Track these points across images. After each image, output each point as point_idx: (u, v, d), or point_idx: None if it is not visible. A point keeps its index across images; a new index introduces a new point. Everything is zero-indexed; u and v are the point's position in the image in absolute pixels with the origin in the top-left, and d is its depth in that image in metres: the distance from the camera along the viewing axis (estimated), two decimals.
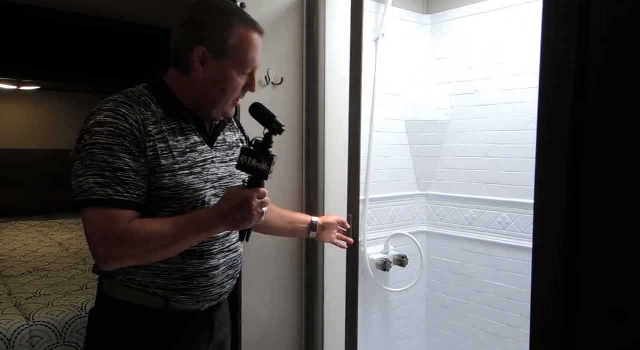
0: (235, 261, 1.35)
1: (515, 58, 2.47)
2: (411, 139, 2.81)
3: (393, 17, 2.63)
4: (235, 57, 1.19)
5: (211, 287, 1.26)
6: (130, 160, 1.09)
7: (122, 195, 1.08)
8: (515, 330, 2.53)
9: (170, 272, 1.20)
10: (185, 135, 1.19)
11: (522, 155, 2.47)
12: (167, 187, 1.14)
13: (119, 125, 1.09)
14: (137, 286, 1.19)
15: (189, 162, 1.17)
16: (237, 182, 1.32)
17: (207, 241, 1.23)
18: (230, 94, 1.22)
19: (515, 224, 2.51)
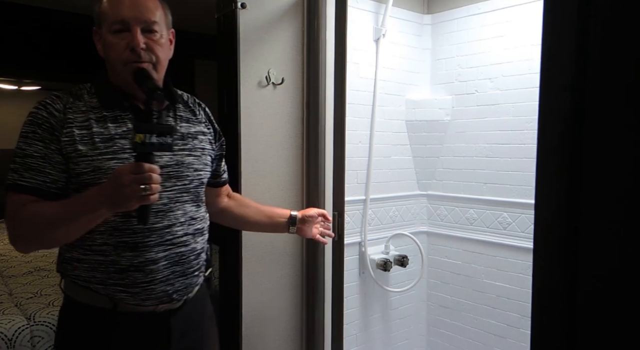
0: (184, 257, 1.24)
1: (516, 58, 2.47)
2: (412, 139, 2.81)
3: (393, 17, 2.63)
4: (104, 20, 1.18)
5: (152, 284, 1.18)
6: (42, 147, 1.12)
7: (26, 181, 1.11)
8: (516, 330, 2.53)
9: (106, 265, 1.17)
10: (117, 123, 1.18)
11: (522, 155, 2.47)
12: (85, 171, 1.13)
13: (37, 114, 1.14)
14: (82, 283, 1.18)
15: (114, 148, 1.15)
16: (186, 171, 1.26)
17: (141, 232, 1.17)
18: (114, 57, 1.17)
19: (516, 224, 2.51)
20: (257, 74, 1.98)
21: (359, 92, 2.53)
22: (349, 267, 2.55)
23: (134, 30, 1.15)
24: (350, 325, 2.57)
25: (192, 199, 1.28)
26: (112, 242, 1.16)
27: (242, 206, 1.55)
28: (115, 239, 1.16)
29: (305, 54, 2.10)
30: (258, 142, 2.00)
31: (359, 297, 2.61)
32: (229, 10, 1.91)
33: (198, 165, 1.30)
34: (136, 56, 1.16)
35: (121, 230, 1.16)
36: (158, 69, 1.22)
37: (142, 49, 1.16)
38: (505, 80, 2.52)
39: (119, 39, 1.15)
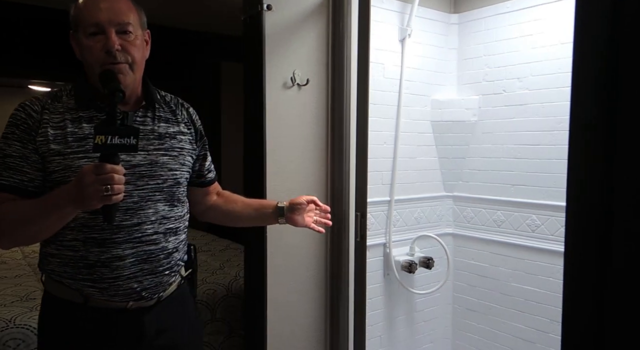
0: (153, 255, 1.25)
1: (545, 57, 2.42)
2: (437, 139, 2.78)
3: (419, 17, 2.61)
4: (79, 24, 1.20)
5: (118, 280, 1.21)
6: (20, 147, 1.16)
7: (5, 179, 1.15)
8: (545, 335, 2.47)
9: (75, 260, 1.20)
10: (92, 123, 1.21)
11: (552, 157, 2.41)
12: (56, 170, 1.17)
13: (16, 116, 1.18)
14: (56, 277, 1.23)
15: (86, 147, 1.18)
16: (159, 170, 1.27)
17: (109, 229, 1.19)
18: (90, 60, 1.20)
19: (545, 227, 2.46)
20: (282, 75, 1.99)
21: (384, 92, 2.51)
22: (374, 269, 2.53)
23: (108, 32, 1.18)
24: (374, 326, 2.56)
25: (166, 199, 1.29)
26: (81, 238, 1.20)
27: (229, 202, 1.54)
28: (84, 235, 1.20)
29: (330, 54, 2.10)
30: (282, 143, 2.01)
31: (383, 299, 2.59)
32: (255, 12, 1.92)
33: (174, 165, 1.31)
34: (112, 58, 1.18)
35: (90, 227, 1.19)
36: (134, 69, 1.24)
37: (117, 50, 1.18)
38: (535, 80, 2.47)
39: (94, 41, 1.18)
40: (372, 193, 2.47)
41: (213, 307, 2.48)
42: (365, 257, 2.11)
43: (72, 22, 1.22)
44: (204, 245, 3.57)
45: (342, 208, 2.11)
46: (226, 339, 2.51)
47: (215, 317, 2.48)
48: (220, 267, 2.94)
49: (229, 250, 3.43)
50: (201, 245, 3.54)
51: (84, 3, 1.19)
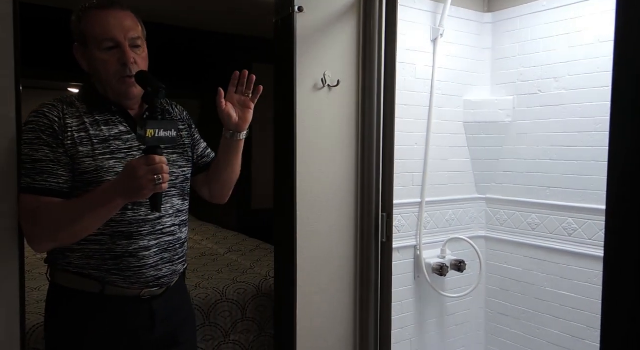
0: (171, 245, 1.37)
1: (584, 56, 2.35)
2: (470, 141, 2.74)
3: (452, 17, 2.57)
4: (90, 39, 1.26)
5: (143, 268, 1.30)
6: (49, 152, 1.22)
7: (39, 183, 1.21)
8: (581, 341, 2.40)
9: (102, 252, 1.27)
10: (109, 126, 1.30)
11: (590, 158, 2.34)
12: (88, 171, 1.24)
13: (39, 122, 1.23)
14: (75, 269, 1.28)
15: (111, 148, 1.27)
16: (172, 168, 1.36)
17: (136, 223, 1.29)
18: (106, 73, 1.27)
19: (583, 231, 2.39)
20: (313, 77, 2.00)
21: (416, 93, 2.49)
22: (404, 271, 2.51)
23: (124, 46, 1.26)
24: (405, 329, 2.54)
25: (179, 194, 1.41)
26: (108, 232, 1.27)
27: (213, 168, 1.55)
28: (112, 229, 1.27)
29: (360, 56, 2.10)
30: (313, 144, 2.01)
31: (414, 302, 2.57)
32: (287, 14, 1.93)
33: (182, 162, 1.43)
34: (127, 70, 1.26)
35: (117, 221, 1.27)
36: None
37: (132, 63, 1.26)
38: (572, 80, 2.40)
39: (110, 55, 1.26)
40: (403, 195, 2.46)
41: (243, 306, 2.51)
42: (391, 258, 2.12)
43: (78, 36, 1.29)
44: (235, 245, 3.61)
45: (371, 209, 2.11)
46: (256, 337, 2.53)
47: (245, 316, 2.51)
48: (250, 267, 2.97)
49: (259, 250, 3.46)
50: (232, 245, 3.59)
51: (96, 18, 1.26)
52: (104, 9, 1.27)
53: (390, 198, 2.10)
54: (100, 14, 1.26)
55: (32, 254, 3.22)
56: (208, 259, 3.19)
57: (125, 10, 1.30)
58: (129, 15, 1.30)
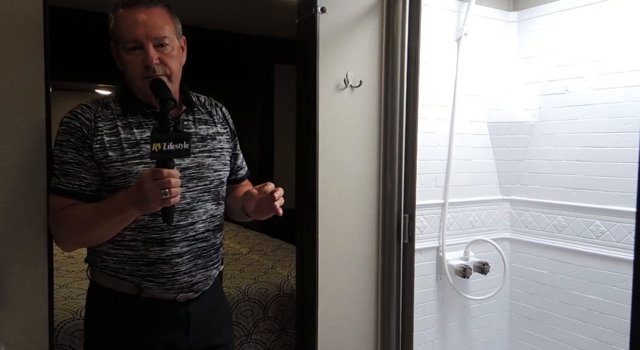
0: (205, 251, 1.34)
1: (613, 55, 2.29)
2: (494, 141, 2.70)
3: (476, 16, 2.54)
4: (118, 38, 1.24)
5: (177, 275, 1.28)
6: (75, 154, 1.22)
7: (64, 185, 1.22)
8: (609, 346, 2.35)
9: (135, 258, 1.26)
10: (142, 128, 1.27)
11: (619, 159, 2.29)
12: (116, 176, 1.22)
13: (70, 124, 1.23)
14: (111, 272, 1.29)
15: (141, 153, 1.24)
16: (206, 172, 1.33)
17: (168, 229, 1.26)
18: (131, 73, 1.24)
19: (611, 233, 2.33)
20: (335, 77, 2.00)
21: (439, 93, 2.47)
22: (427, 272, 2.49)
23: (146, 47, 1.22)
24: (427, 331, 2.52)
25: (213, 198, 1.36)
26: (141, 238, 1.26)
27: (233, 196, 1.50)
28: (144, 235, 1.26)
29: (383, 56, 2.09)
30: (335, 144, 2.01)
31: (436, 303, 2.54)
32: (309, 15, 1.94)
33: (217, 165, 1.37)
34: (151, 71, 1.22)
35: (150, 228, 1.26)
36: (172, 80, 1.28)
37: (156, 64, 1.22)
38: (600, 79, 2.35)
39: (134, 56, 1.23)
40: (425, 195, 2.44)
41: (265, 306, 2.52)
42: (413, 259, 2.10)
43: (111, 35, 1.27)
44: (257, 245, 3.64)
45: (393, 210, 2.10)
46: (277, 337, 2.54)
47: (267, 315, 2.52)
48: (272, 267, 2.98)
49: (281, 250, 3.47)
50: (253, 245, 3.61)
51: (122, 17, 1.23)
52: (129, 7, 1.23)
53: (412, 199, 2.09)
54: (125, 13, 1.23)
55: (60, 252, 3.30)
56: (230, 259, 3.22)
57: (151, 8, 1.23)
58: (156, 13, 1.24)
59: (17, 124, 1.34)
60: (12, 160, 1.34)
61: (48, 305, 1.40)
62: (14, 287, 1.35)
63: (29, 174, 1.36)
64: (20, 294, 1.36)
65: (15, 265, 1.35)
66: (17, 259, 1.35)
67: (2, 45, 1.32)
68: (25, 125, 1.35)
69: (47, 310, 1.40)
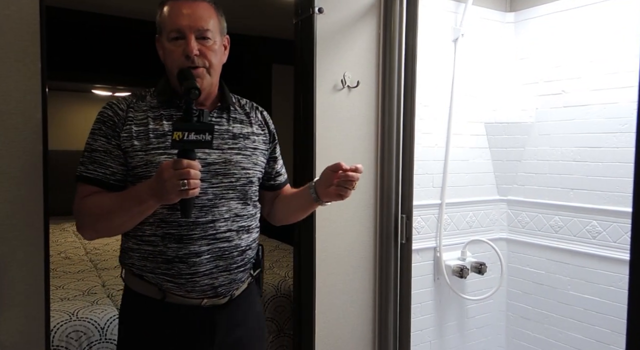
0: (227, 252, 1.28)
1: (609, 55, 2.30)
2: (491, 141, 2.71)
3: (474, 16, 2.55)
4: (163, 28, 1.26)
5: (195, 276, 1.24)
6: (105, 142, 1.23)
7: (90, 172, 1.23)
8: (606, 346, 2.35)
9: (155, 254, 1.25)
10: (171, 121, 1.27)
11: (615, 160, 2.30)
12: (139, 165, 1.22)
13: (104, 113, 1.25)
14: (136, 271, 1.28)
15: (166, 144, 1.23)
16: (233, 169, 1.29)
17: (186, 225, 1.23)
18: (170, 63, 1.26)
19: (607, 233, 2.34)
20: (333, 78, 2.00)
21: (436, 93, 2.47)
22: (424, 273, 2.50)
23: (188, 37, 1.23)
24: (424, 331, 2.52)
25: (239, 197, 1.31)
26: (159, 233, 1.24)
27: (283, 199, 1.51)
28: (163, 230, 1.24)
29: (381, 57, 2.09)
30: (332, 144, 2.01)
31: (433, 304, 2.55)
32: (307, 16, 1.94)
33: (247, 164, 1.33)
34: (190, 62, 1.23)
35: (168, 222, 1.23)
36: (212, 73, 1.29)
37: (196, 55, 1.23)
38: (597, 80, 2.36)
39: (176, 46, 1.24)
40: (423, 196, 2.44)
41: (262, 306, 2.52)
42: (410, 259, 2.11)
43: (157, 27, 1.29)
44: None
45: (391, 210, 2.10)
46: (275, 338, 2.54)
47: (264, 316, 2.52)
48: (269, 267, 2.98)
49: (278, 250, 3.47)
50: None
51: (169, 9, 1.25)
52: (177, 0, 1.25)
53: (409, 199, 2.09)
54: (173, 5, 1.25)
55: (56, 253, 3.29)
56: None
57: (197, 1, 1.26)
58: (203, 6, 1.26)
59: (14, 124, 1.34)
60: (8, 161, 1.34)
61: (44, 306, 1.40)
62: (10, 288, 1.35)
63: (26, 175, 1.35)
64: (17, 294, 1.36)
65: (12, 266, 1.35)
66: (14, 259, 1.35)
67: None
68: (22, 125, 1.35)
69: (44, 311, 1.40)
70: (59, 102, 4.66)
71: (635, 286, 0.58)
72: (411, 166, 2.08)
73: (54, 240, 3.68)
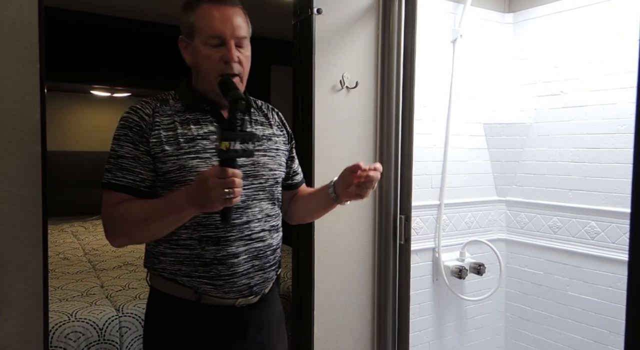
0: (262, 252, 1.31)
1: (607, 56, 2.31)
2: (490, 142, 2.71)
3: (472, 17, 2.55)
4: (198, 32, 1.24)
5: (234, 277, 1.25)
6: (132, 149, 1.21)
7: (119, 179, 1.20)
8: (604, 347, 2.36)
9: (191, 258, 1.24)
10: (199, 125, 1.27)
11: (614, 160, 2.30)
12: (171, 170, 1.21)
13: (129, 119, 1.23)
14: (168, 275, 1.26)
15: (197, 148, 1.23)
16: (261, 170, 1.31)
17: (223, 227, 1.24)
18: (206, 68, 1.25)
19: (606, 234, 2.34)
20: (331, 78, 2.00)
21: (435, 94, 2.48)
22: (422, 273, 2.50)
23: (229, 44, 1.23)
24: (423, 332, 2.52)
25: (268, 197, 1.34)
26: (196, 236, 1.23)
27: (301, 198, 1.53)
28: (200, 233, 1.23)
29: (379, 57, 2.09)
30: (331, 145, 2.02)
31: (432, 304, 2.55)
32: (306, 16, 1.94)
33: (273, 165, 1.35)
34: (229, 68, 1.24)
35: (205, 226, 1.23)
36: (243, 81, 1.30)
37: (235, 62, 1.24)
38: (595, 80, 2.36)
39: (214, 51, 1.23)
40: (421, 197, 2.44)
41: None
42: (409, 260, 2.11)
43: (186, 29, 1.27)
44: None
45: (389, 211, 2.10)
46: None
47: None
48: None
49: None
50: None
51: (206, 13, 1.24)
52: (216, 3, 1.25)
53: (408, 200, 2.09)
54: (212, 8, 1.24)
55: (55, 253, 3.29)
56: None
57: (235, 7, 1.27)
58: (239, 13, 1.27)
59: (12, 124, 1.34)
60: (7, 162, 1.33)
61: (43, 306, 1.40)
62: (9, 288, 1.35)
63: (24, 175, 1.35)
64: (15, 295, 1.36)
65: (11, 266, 1.35)
66: (12, 260, 1.35)
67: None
68: (21, 126, 1.35)
69: (42, 312, 1.40)
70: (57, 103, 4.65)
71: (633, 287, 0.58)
72: (410, 167, 2.08)
73: (52, 240, 3.67)
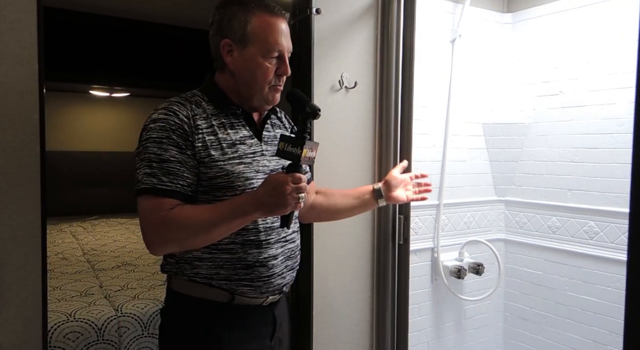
0: (293, 252, 1.35)
1: (606, 56, 2.31)
2: (489, 142, 2.71)
3: (471, 17, 2.55)
4: (257, 42, 1.23)
5: (272, 277, 1.28)
6: (177, 152, 1.17)
7: (166, 184, 1.15)
8: (603, 347, 2.36)
9: (232, 262, 1.24)
10: (234, 129, 1.27)
11: (612, 160, 2.30)
12: (218, 175, 1.20)
13: (169, 121, 1.18)
14: (202, 280, 1.24)
15: (238, 153, 1.24)
16: None
17: (264, 231, 1.26)
18: (262, 79, 1.25)
19: (604, 234, 2.34)
20: (330, 78, 2.00)
21: (434, 94, 2.48)
22: (421, 273, 2.50)
23: (285, 59, 1.26)
24: (422, 332, 2.52)
25: None
26: (239, 240, 1.24)
27: (329, 196, 1.57)
28: (242, 237, 1.24)
29: (378, 57, 2.09)
30: (330, 145, 2.01)
31: (431, 304, 2.55)
32: (304, 16, 1.94)
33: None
34: (280, 81, 1.28)
35: (247, 230, 1.24)
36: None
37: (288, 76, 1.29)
38: (594, 80, 2.36)
39: (271, 63, 1.25)
40: None
41: None
42: (408, 260, 2.11)
43: (239, 35, 1.23)
44: None
45: (388, 211, 2.10)
46: None
47: None
48: None
49: None
50: None
51: (267, 24, 1.23)
52: (276, 16, 1.24)
53: None
54: (273, 20, 1.24)
55: (53, 253, 3.28)
56: None
57: (286, 19, 1.28)
58: (286, 23, 1.28)
59: (11, 125, 1.33)
60: (6, 161, 1.33)
61: (42, 307, 1.39)
62: (8, 288, 1.35)
63: (23, 176, 1.35)
64: (14, 295, 1.35)
65: (10, 267, 1.34)
66: (11, 260, 1.35)
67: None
68: (20, 126, 1.34)
69: (41, 312, 1.39)
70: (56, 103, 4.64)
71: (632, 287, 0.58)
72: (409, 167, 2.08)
73: (51, 241, 3.67)
